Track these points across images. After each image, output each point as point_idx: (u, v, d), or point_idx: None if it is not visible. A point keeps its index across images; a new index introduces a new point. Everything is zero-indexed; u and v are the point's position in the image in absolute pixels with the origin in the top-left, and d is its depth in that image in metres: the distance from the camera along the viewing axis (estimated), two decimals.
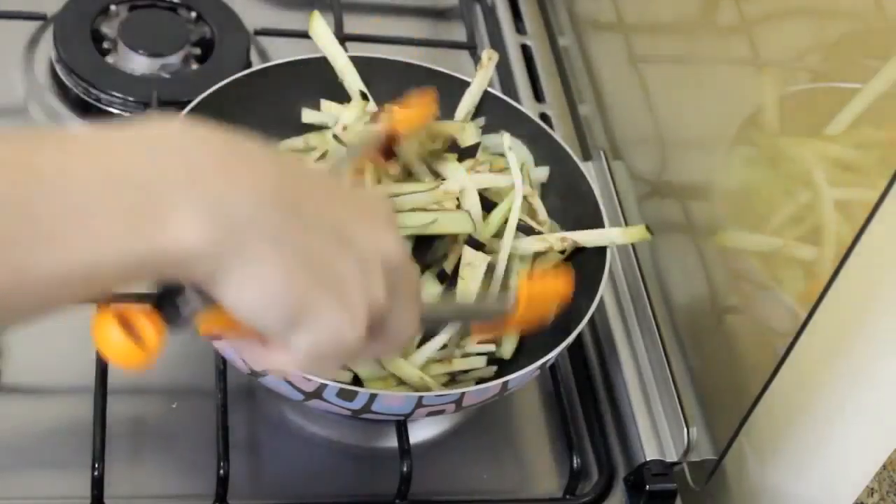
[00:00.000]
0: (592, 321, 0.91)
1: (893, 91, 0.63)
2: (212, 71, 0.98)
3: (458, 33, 1.11)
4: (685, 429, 0.83)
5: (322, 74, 0.91)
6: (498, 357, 0.83)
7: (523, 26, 1.15)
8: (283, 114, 0.90)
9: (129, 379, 0.78)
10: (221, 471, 0.75)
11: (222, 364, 0.79)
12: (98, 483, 0.74)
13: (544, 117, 1.06)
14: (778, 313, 0.75)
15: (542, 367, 0.78)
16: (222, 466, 0.75)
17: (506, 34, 1.13)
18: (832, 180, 0.69)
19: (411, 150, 0.84)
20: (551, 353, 0.77)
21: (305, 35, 0.93)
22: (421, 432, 0.84)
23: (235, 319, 0.52)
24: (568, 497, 0.82)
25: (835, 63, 0.70)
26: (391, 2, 1.15)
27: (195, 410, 0.81)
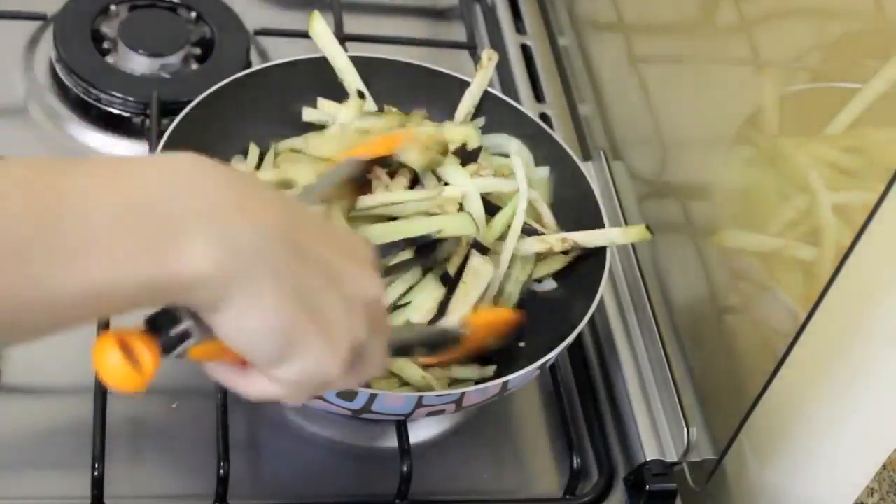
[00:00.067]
0: (592, 321, 0.91)
1: (893, 91, 0.63)
2: (212, 71, 0.98)
3: (458, 33, 1.11)
4: (685, 429, 0.83)
5: (322, 74, 0.91)
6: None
7: (523, 26, 1.15)
8: (283, 114, 0.90)
9: None
10: (221, 471, 0.75)
11: None
12: (98, 483, 0.74)
13: (544, 117, 1.06)
14: (778, 313, 0.75)
15: (542, 367, 0.78)
16: (222, 466, 0.75)
17: (506, 34, 1.13)
18: (831, 182, 0.69)
19: (414, 160, 0.84)
20: (551, 353, 0.77)
21: (305, 35, 0.93)
22: (421, 432, 0.84)
23: (223, 349, 0.54)
24: (568, 497, 0.82)
25: (835, 63, 0.70)
26: (391, 2, 1.15)
27: (195, 410, 0.81)
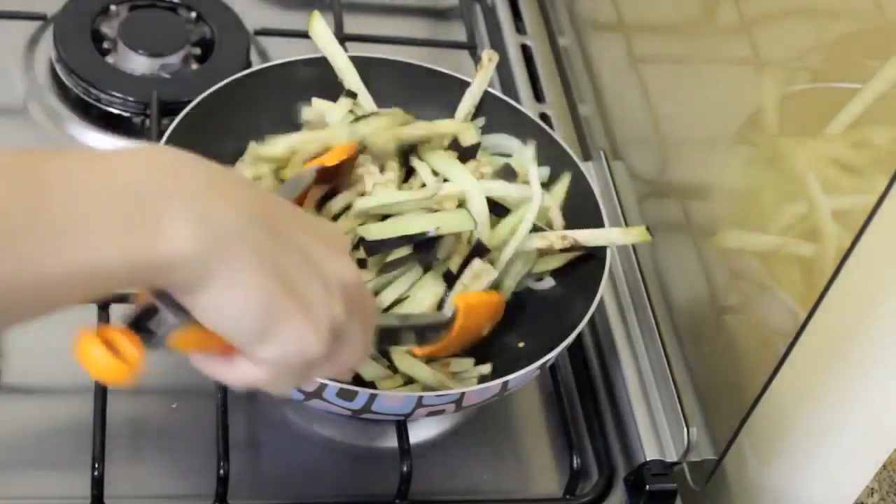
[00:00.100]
0: (592, 321, 0.91)
1: (893, 91, 0.63)
2: (212, 71, 0.98)
3: (458, 33, 1.11)
4: (685, 429, 0.83)
5: (322, 74, 0.91)
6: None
7: (523, 26, 1.15)
8: (283, 114, 0.90)
9: None
10: (221, 471, 0.75)
11: None
12: (98, 483, 0.74)
13: (544, 117, 1.06)
14: (778, 313, 0.75)
15: (542, 367, 0.78)
16: (222, 466, 0.75)
17: (506, 34, 1.13)
18: (831, 183, 0.69)
19: (384, 146, 0.85)
20: (551, 353, 0.77)
21: (305, 35, 0.93)
22: (421, 432, 0.84)
23: (205, 337, 0.55)
24: (568, 497, 0.82)
25: (835, 63, 0.70)
26: (391, 2, 1.15)
27: (195, 410, 0.81)
